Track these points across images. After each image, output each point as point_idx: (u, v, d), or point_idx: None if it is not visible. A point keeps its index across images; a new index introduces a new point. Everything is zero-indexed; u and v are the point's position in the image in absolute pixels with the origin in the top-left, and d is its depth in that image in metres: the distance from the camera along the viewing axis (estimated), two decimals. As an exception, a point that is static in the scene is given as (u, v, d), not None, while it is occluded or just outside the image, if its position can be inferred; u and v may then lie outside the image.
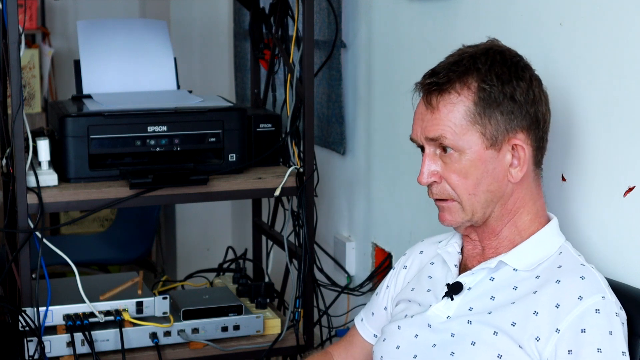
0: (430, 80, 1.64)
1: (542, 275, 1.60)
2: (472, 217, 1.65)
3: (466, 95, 1.60)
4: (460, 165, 1.62)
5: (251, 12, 2.82)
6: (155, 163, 2.37)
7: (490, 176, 1.62)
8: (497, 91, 1.59)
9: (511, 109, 1.60)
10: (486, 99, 1.59)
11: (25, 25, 2.93)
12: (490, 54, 1.63)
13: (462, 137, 1.60)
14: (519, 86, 1.60)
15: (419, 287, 1.78)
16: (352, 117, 2.80)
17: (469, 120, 1.60)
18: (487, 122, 1.60)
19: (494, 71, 1.60)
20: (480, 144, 1.60)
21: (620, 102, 1.69)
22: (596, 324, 1.50)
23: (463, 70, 1.61)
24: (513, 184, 1.63)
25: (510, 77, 1.61)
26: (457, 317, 1.64)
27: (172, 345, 2.34)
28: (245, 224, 3.54)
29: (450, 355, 1.60)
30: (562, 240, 1.66)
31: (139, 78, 2.59)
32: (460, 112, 1.60)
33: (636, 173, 1.66)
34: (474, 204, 1.63)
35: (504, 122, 1.60)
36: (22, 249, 2.18)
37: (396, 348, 1.71)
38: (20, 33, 2.13)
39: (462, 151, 1.61)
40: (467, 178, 1.62)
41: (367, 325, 1.92)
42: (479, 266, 1.66)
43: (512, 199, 1.64)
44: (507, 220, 1.66)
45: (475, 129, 1.60)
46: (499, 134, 1.60)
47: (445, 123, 1.61)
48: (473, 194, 1.62)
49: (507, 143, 1.61)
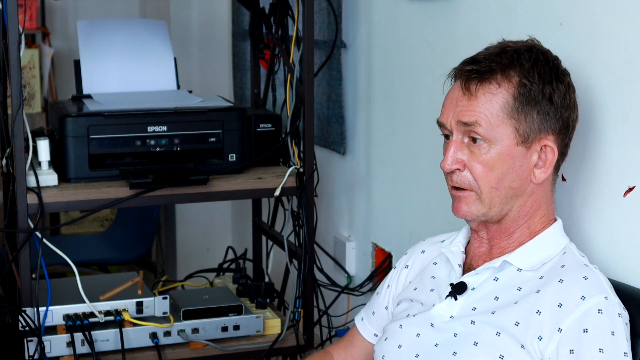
0: (471, 67, 1.62)
1: (546, 275, 1.60)
2: (489, 211, 1.63)
3: (506, 88, 1.60)
4: (488, 157, 1.61)
5: (251, 12, 2.82)
6: (155, 163, 2.37)
7: (515, 172, 1.61)
8: (537, 89, 1.59)
9: (547, 109, 1.60)
10: (526, 95, 1.59)
11: (25, 25, 2.93)
12: (534, 52, 1.63)
13: (496, 128, 1.59)
14: (558, 89, 1.60)
15: (421, 286, 1.78)
16: (352, 117, 2.80)
17: (506, 113, 1.59)
18: (523, 118, 1.59)
19: (537, 69, 1.60)
20: (512, 139, 1.60)
21: (620, 102, 1.69)
22: (598, 324, 1.50)
23: (507, 62, 1.61)
24: (534, 185, 1.63)
25: (551, 78, 1.61)
26: (461, 317, 1.64)
27: (172, 345, 2.34)
28: (245, 224, 3.54)
29: (452, 355, 1.60)
30: (567, 241, 1.66)
31: (139, 78, 2.59)
32: (498, 103, 1.59)
33: (636, 173, 1.66)
34: (494, 198, 1.62)
35: (539, 122, 1.60)
36: (22, 249, 2.18)
37: (398, 347, 1.71)
38: (20, 33, 2.13)
39: (493, 142, 1.60)
40: (492, 171, 1.61)
41: (367, 325, 1.92)
42: (483, 266, 1.66)
43: (531, 200, 1.64)
44: (522, 222, 1.65)
45: (510, 123, 1.59)
46: (532, 133, 1.60)
47: (482, 111, 1.60)
48: (495, 187, 1.61)
49: (537, 143, 1.61)
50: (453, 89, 1.66)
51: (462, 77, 1.64)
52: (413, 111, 2.47)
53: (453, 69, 1.68)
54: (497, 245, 1.68)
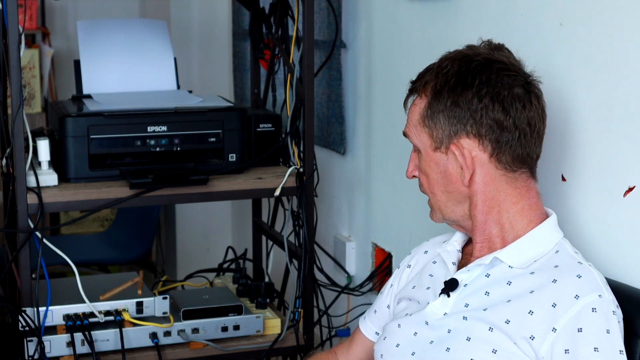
0: (411, 82, 1.74)
1: (537, 272, 1.60)
2: (444, 215, 1.72)
3: (423, 98, 1.69)
4: (422, 164, 1.71)
5: (251, 12, 2.82)
6: (155, 163, 2.37)
7: (443, 177, 1.68)
8: (443, 96, 1.65)
9: (454, 114, 1.64)
10: (434, 103, 1.66)
11: (25, 25, 2.93)
12: (457, 59, 1.68)
13: (418, 137, 1.70)
14: (463, 93, 1.63)
15: (419, 285, 1.79)
16: (352, 117, 2.80)
17: (421, 121, 1.68)
18: (434, 125, 1.66)
19: (447, 76, 1.66)
20: (429, 145, 1.68)
21: (620, 102, 1.69)
22: (593, 323, 1.50)
23: (430, 74, 1.69)
24: (472, 188, 1.66)
25: (458, 83, 1.64)
26: (454, 313, 1.65)
27: (172, 345, 2.34)
28: (245, 224, 3.54)
29: (445, 351, 1.61)
30: (560, 237, 1.66)
31: (139, 78, 2.59)
32: (417, 113, 1.69)
33: (636, 173, 1.66)
34: (437, 203, 1.72)
35: (448, 127, 1.65)
36: (22, 249, 2.18)
37: (396, 346, 1.72)
38: (20, 33, 2.13)
39: (420, 151, 1.71)
40: (428, 177, 1.71)
41: (368, 323, 1.93)
42: (474, 263, 1.67)
43: (479, 200, 1.66)
44: (484, 219, 1.67)
45: (425, 131, 1.68)
46: (444, 137, 1.66)
47: (409, 122, 1.72)
48: (433, 192, 1.71)
49: (452, 146, 1.65)
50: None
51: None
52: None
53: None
54: (479, 243, 1.70)
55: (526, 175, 1.68)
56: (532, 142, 1.65)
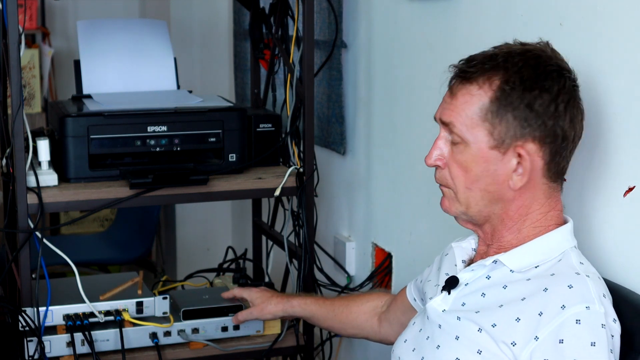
0: (461, 66, 1.64)
1: (534, 279, 1.58)
2: (467, 210, 1.65)
3: (485, 91, 1.59)
4: (463, 158, 1.62)
5: (251, 12, 2.82)
6: (155, 163, 2.37)
7: (490, 176, 1.61)
8: (515, 95, 1.57)
9: (525, 116, 1.57)
10: (503, 99, 1.58)
11: (25, 25, 2.93)
12: (527, 56, 1.60)
13: (470, 130, 1.60)
14: (541, 97, 1.57)
15: (434, 280, 1.81)
16: (352, 117, 2.80)
17: (480, 115, 1.59)
18: (498, 122, 1.58)
19: (521, 74, 1.58)
20: (485, 142, 1.59)
21: (620, 102, 1.69)
22: (575, 335, 1.47)
23: (493, 65, 1.60)
24: (515, 191, 1.61)
25: (535, 85, 1.58)
26: (451, 311, 1.66)
27: (172, 345, 2.34)
28: (245, 224, 3.54)
29: (436, 349, 1.63)
30: (569, 246, 1.63)
31: (139, 78, 2.59)
32: (475, 105, 1.59)
33: (636, 173, 1.66)
34: (469, 199, 1.63)
35: (515, 128, 1.58)
36: (22, 249, 2.18)
37: (404, 342, 1.75)
38: (20, 33, 2.13)
39: (467, 144, 1.61)
40: (467, 172, 1.62)
41: (412, 288, 1.96)
42: (477, 263, 1.67)
43: (515, 206, 1.63)
44: (510, 225, 1.64)
45: (484, 126, 1.59)
46: (507, 138, 1.58)
47: (459, 112, 1.61)
48: (469, 188, 1.63)
49: (514, 149, 1.59)
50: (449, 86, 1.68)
51: (453, 75, 1.66)
52: (413, 111, 2.47)
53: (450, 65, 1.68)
54: (494, 245, 1.68)
55: (559, 187, 1.66)
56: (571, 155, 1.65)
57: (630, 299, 1.60)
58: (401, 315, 1.98)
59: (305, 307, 2.21)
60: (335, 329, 2.20)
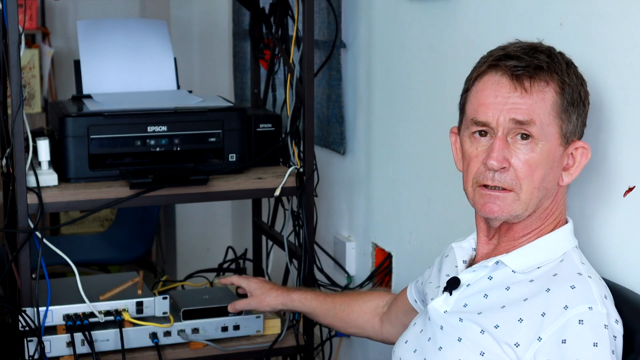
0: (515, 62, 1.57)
1: (536, 280, 1.58)
2: (524, 212, 1.60)
3: (553, 87, 1.57)
4: (533, 156, 1.56)
5: (251, 12, 2.82)
6: (155, 163, 2.37)
7: (552, 174, 1.60)
8: (576, 91, 1.59)
9: (581, 112, 1.60)
10: (569, 95, 1.58)
11: (25, 25, 2.93)
12: (560, 53, 1.62)
13: (547, 127, 1.57)
14: (587, 92, 1.61)
15: (435, 281, 1.81)
16: (352, 117, 2.80)
17: (555, 112, 1.57)
18: (567, 118, 1.58)
19: (572, 70, 1.59)
20: (557, 139, 1.58)
21: (620, 101, 1.69)
22: (578, 335, 1.47)
23: (548, 60, 1.58)
24: (559, 187, 1.62)
25: (582, 81, 1.61)
26: (453, 312, 1.65)
27: (172, 345, 2.34)
28: (245, 224, 3.54)
29: (438, 350, 1.62)
30: (570, 247, 1.64)
31: (139, 78, 2.59)
32: (549, 101, 1.57)
33: (636, 173, 1.66)
34: (533, 199, 1.59)
35: (576, 124, 1.59)
36: (22, 249, 2.18)
37: (405, 343, 1.74)
38: (20, 33, 2.13)
39: (540, 141, 1.57)
40: (536, 170, 1.57)
41: (413, 288, 1.96)
42: (479, 264, 1.66)
43: (553, 203, 1.63)
44: (539, 224, 1.63)
45: (557, 123, 1.57)
46: (570, 134, 1.59)
47: (535, 109, 1.56)
48: (537, 188, 1.58)
49: (572, 145, 1.60)
50: (497, 84, 1.58)
51: (507, 72, 1.58)
52: (413, 111, 2.47)
53: (483, 65, 1.61)
54: (504, 244, 1.67)
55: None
56: None
57: (630, 299, 1.60)
58: (403, 316, 1.98)
59: (306, 302, 2.21)
60: (336, 327, 2.20)
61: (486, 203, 1.60)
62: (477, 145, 1.61)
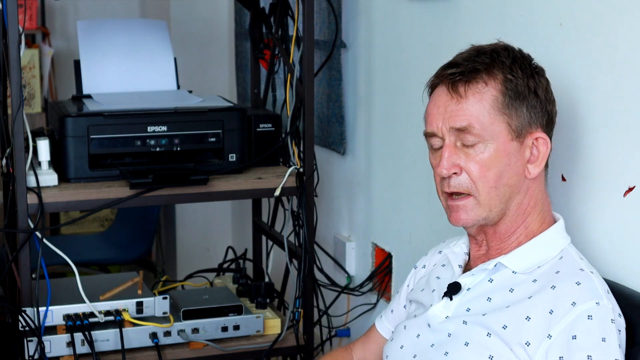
0: (454, 70, 1.62)
1: (539, 279, 1.59)
2: (489, 214, 1.62)
3: (493, 86, 1.60)
4: (484, 156, 1.59)
5: (251, 12, 2.82)
6: (155, 163, 2.37)
7: (511, 169, 1.61)
8: (522, 84, 1.60)
9: (534, 103, 1.61)
10: (513, 90, 1.59)
11: (25, 25, 2.93)
12: (510, 50, 1.64)
13: (490, 126, 1.59)
14: (541, 82, 1.62)
15: (427, 287, 1.79)
16: (352, 117, 2.80)
17: (496, 109, 1.59)
18: (514, 113, 1.59)
19: (518, 65, 1.61)
20: (506, 135, 1.60)
21: (620, 102, 1.69)
22: (587, 331, 1.48)
23: (488, 61, 1.61)
24: (529, 181, 1.63)
25: (532, 73, 1.62)
26: (455, 317, 1.64)
27: (172, 345, 2.34)
28: (245, 224, 3.54)
29: (444, 355, 1.61)
30: (566, 243, 1.65)
31: (139, 78, 2.59)
32: (488, 101, 1.59)
33: (636, 173, 1.66)
34: (492, 199, 1.61)
35: (528, 116, 1.60)
36: (22, 249, 2.18)
37: (400, 348, 1.72)
38: (20, 33, 2.13)
39: (488, 141, 1.59)
40: (490, 170, 1.60)
41: (385, 322, 1.93)
42: (479, 267, 1.66)
43: (527, 198, 1.64)
44: (520, 222, 1.64)
45: (502, 119, 1.59)
46: (523, 127, 1.60)
47: (472, 112, 1.59)
48: (494, 187, 1.60)
49: (529, 137, 1.61)
50: (438, 95, 1.65)
51: (445, 81, 1.63)
52: (413, 111, 2.47)
53: (432, 77, 1.67)
54: (495, 247, 1.68)
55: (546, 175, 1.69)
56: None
57: (625, 294, 1.61)
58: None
59: None
60: None
61: (452, 213, 1.66)
62: (435, 156, 1.67)
